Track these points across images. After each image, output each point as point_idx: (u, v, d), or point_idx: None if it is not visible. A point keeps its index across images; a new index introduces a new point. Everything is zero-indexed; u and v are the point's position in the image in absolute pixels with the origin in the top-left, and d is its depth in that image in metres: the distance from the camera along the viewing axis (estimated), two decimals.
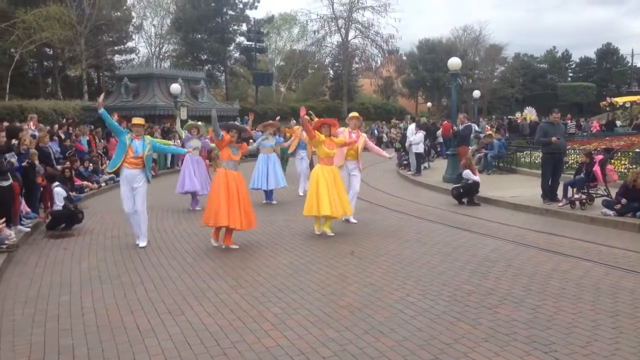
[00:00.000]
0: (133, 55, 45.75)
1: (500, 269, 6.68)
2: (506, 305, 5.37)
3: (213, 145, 11.70)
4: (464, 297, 5.63)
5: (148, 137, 8.65)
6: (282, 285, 6.19)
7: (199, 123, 12.48)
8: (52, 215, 9.78)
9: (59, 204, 9.80)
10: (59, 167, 12.35)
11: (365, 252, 7.68)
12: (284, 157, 14.43)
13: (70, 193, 10.83)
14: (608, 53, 60.64)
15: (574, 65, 63.83)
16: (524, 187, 12.91)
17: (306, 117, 9.35)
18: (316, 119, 9.86)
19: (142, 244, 8.29)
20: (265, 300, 5.71)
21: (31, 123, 15.57)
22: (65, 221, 9.81)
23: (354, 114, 10.31)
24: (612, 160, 12.39)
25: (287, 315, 5.23)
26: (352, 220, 9.74)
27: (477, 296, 5.66)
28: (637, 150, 15.10)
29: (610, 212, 9.53)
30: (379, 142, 32.79)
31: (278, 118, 16.01)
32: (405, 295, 5.75)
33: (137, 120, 8.56)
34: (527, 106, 31.41)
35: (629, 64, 56.13)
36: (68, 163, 12.65)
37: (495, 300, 5.52)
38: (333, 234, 8.79)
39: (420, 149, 17.36)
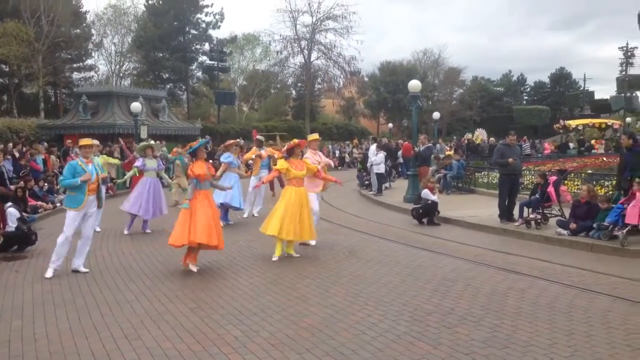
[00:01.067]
0: (92, 73, 45.12)
1: (460, 288, 6.77)
2: (465, 325, 5.43)
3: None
4: (425, 317, 5.67)
5: (97, 159, 8.42)
6: (242, 307, 6.12)
7: (152, 142, 12.30)
8: (4, 236, 9.46)
9: (11, 224, 9.50)
10: (12, 186, 11.98)
11: (327, 273, 7.67)
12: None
13: (24, 213, 10.51)
14: (561, 77, 62.91)
15: (528, 89, 65.92)
16: (482, 207, 13.18)
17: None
18: (287, 143, 9.90)
19: (82, 269, 7.91)
20: (225, 322, 5.62)
21: None
22: (18, 243, 9.50)
23: (315, 135, 10.36)
24: (566, 181, 12.77)
25: (248, 338, 5.16)
26: (311, 242, 9.55)
27: (437, 316, 5.71)
28: (590, 171, 15.64)
29: (565, 232, 9.80)
30: (341, 162, 33.11)
31: (240, 139, 16.03)
32: (366, 315, 5.76)
33: (85, 141, 8.08)
34: (478, 128, 32.12)
35: (582, 88, 58.30)
36: (22, 183, 12.29)
37: (455, 320, 5.58)
38: (298, 255, 8.72)
39: (381, 169, 17.55)
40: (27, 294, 6.87)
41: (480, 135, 29.56)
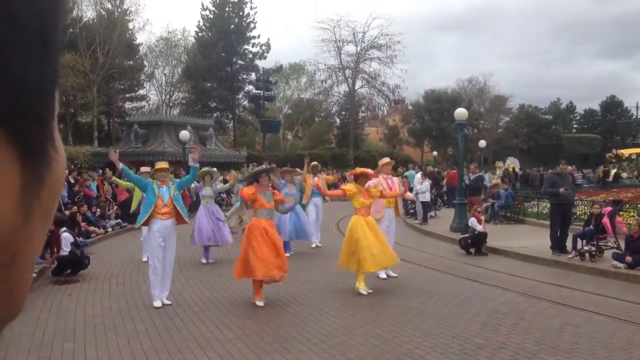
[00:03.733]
0: (143, 103, 46.60)
1: (511, 321, 6.56)
2: None
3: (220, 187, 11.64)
4: (475, 352, 5.51)
5: (171, 179, 8.31)
6: (288, 336, 6.10)
7: (213, 169, 12.32)
8: (58, 260, 9.76)
9: (65, 249, 9.79)
10: (67, 212, 12.40)
11: (373, 303, 7.58)
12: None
13: (77, 238, 10.84)
14: (612, 105, 61.19)
15: (578, 117, 64.36)
16: (532, 238, 12.81)
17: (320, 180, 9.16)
18: (352, 172, 9.45)
19: (165, 301, 7.57)
20: (271, 351, 5.60)
21: None
22: (71, 267, 9.78)
23: (386, 159, 9.95)
24: (621, 212, 12.32)
25: None
26: (392, 274, 9.18)
27: (488, 350, 5.54)
28: None
29: (621, 265, 9.41)
30: None
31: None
32: (414, 347, 5.64)
33: (161, 165, 8.13)
34: (509, 157, 29.93)
35: (634, 117, 56.53)
36: (75, 208, 12.70)
37: (507, 355, 5.40)
38: (371, 291, 8.14)
39: (426, 197, 17.36)
40: (79, 317, 7.04)
41: (512, 164, 27.47)
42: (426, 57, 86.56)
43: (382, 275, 9.06)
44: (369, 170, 8.96)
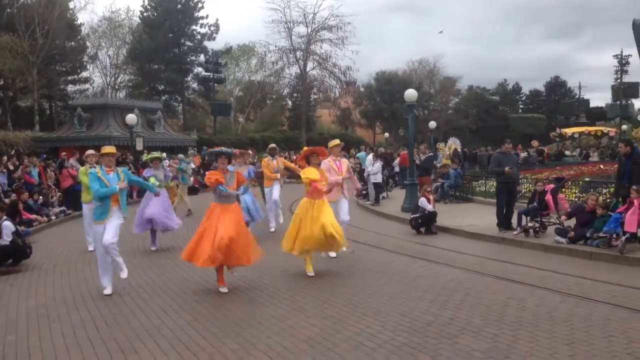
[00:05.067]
0: (87, 85, 44.97)
1: (459, 298, 6.71)
2: (465, 335, 5.37)
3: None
4: (424, 328, 5.61)
5: (120, 168, 7.81)
6: (239, 320, 6.05)
7: (162, 154, 11.99)
8: None
9: (6, 238, 9.41)
10: (6, 200, 11.90)
11: (324, 284, 7.61)
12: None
13: (19, 227, 10.43)
14: (556, 85, 63.10)
15: (524, 97, 66.13)
16: (480, 216, 13.14)
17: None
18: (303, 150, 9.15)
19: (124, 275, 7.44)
20: (222, 335, 5.55)
21: None
22: (13, 256, 9.42)
23: (336, 141, 9.88)
24: (563, 189, 12.76)
25: (245, 351, 5.10)
26: (331, 254, 9.04)
27: (436, 326, 5.65)
28: (587, 179, 15.65)
29: (563, 240, 9.77)
30: None
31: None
32: (365, 327, 5.69)
33: (107, 149, 7.64)
34: (450, 137, 29.79)
35: (577, 96, 58.53)
36: (15, 196, 12.21)
37: (455, 330, 5.52)
38: (313, 274, 8.06)
39: (378, 178, 17.53)
40: (21, 308, 6.79)
41: (453, 144, 27.38)
42: (378, 39, 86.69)
43: (332, 254, 9.03)
44: (318, 148, 8.83)
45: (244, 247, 7.30)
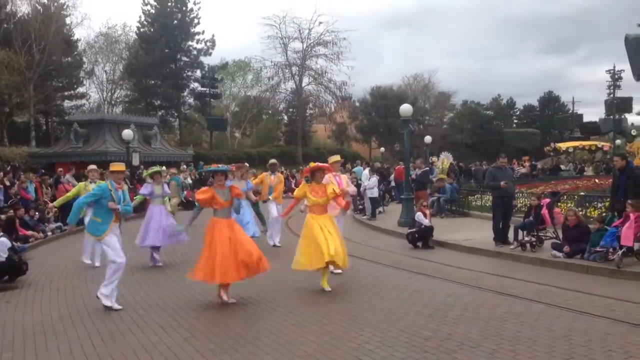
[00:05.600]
0: (84, 101, 44.97)
1: (457, 313, 6.70)
2: (464, 351, 5.37)
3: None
4: (422, 343, 5.60)
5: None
6: (237, 336, 6.02)
7: (162, 168, 11.90)
8: None
9: (2, 255, 9.33)
10: (2, 216, 11.85)
11: (321, 299, 7.59)
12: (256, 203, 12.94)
13: (15, 243, 10.38)
14: (550, 100, 63.56)
15: (518, 112, 66.53)
16: (476, 230, 13.16)
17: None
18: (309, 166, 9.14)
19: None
20: (220, 352, 5.52)
21: None
22: (9, 273, 9.34)
23: (336, 157, 9.94)
24: (559, 203, 12.81)
25: None
26: (336, 271, 8.91)
27: (435, 342, 5.64)
28: (582, 193, 15.71)
29: (560, 254, 9.79)
30: None
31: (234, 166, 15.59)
32: (364, 342, 5.68)
33: (118, 167, 7.67)
34: (443, 152, 29.35)
35: (570, 111, 58.91)
36: (12, 212, 12.16)
37: (453, 346, 5.51)
38: (330, 289, 7.99)
39: (374, 193, 17.55)
40: (18, 325, 6.74)
41: (445, 159, 26.97)
42: (373, 54, 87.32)
43: (337, 271, 8.91)
44: (325, 165, 8.86)
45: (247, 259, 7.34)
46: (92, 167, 10.85)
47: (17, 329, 6.56)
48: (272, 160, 13.30)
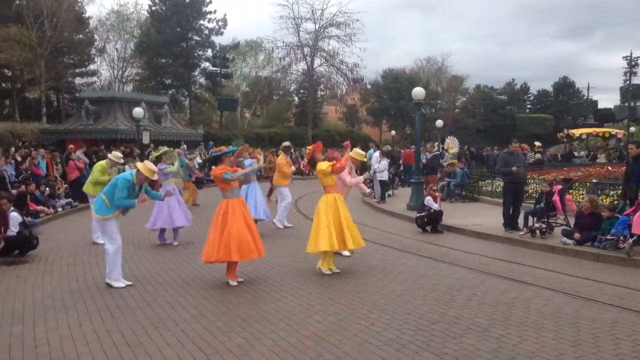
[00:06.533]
0: (95, 78, 45.05)
1: (465, 297, 6.69)
2: (471, 335, 5.36)
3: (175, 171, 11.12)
4: (429, 326, 5.60)
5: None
6: (245, 315, 6.06)
7: (170, 149, 11.88)
8: (6, 241, 9.39)
9: (13, 229, 9.44)
10: (13, 191, 11.94)
11: (330, 281, 7.60)
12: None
13: (25, 218, 10.46)
14: (564, 86, 62.85)
15: (532, 97, 65.86)
16: (486, 216, 13.10)
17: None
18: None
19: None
20: (227, 330, 5.56)
21: None
22: (19, 247, 9.45)
23: (361, 153, 9.58)
24: (571, 190, 12.70)
25: (251, 346, 5.10)
26: (345, 253, 8.90)
27: (442, 325, 5.64)
28: (595, 180, 15.56)
29: (570, 241, 9.72)
30: None
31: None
32: (370, 324, 5.69)
33: (149, 172, 7.49)
34: (449, 136, 28.44)
35: (585, 97, 58.24)
36: (23, 187, 12.25)
37: (460, 330, 5.51)
38: (330, 272, 7.98)
39: (384, 176, 17.49)
40: (27, 299, 6.82)
41: (451, 143, 25.80)
42: (387, 36, 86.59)
43: (346, 253, 8.94)
44: (315, 145, 8.78)
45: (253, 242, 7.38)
46: (118, 154, 10.84)
47: (27, 303, 6.63)
48: (286, 143, 13.38)
